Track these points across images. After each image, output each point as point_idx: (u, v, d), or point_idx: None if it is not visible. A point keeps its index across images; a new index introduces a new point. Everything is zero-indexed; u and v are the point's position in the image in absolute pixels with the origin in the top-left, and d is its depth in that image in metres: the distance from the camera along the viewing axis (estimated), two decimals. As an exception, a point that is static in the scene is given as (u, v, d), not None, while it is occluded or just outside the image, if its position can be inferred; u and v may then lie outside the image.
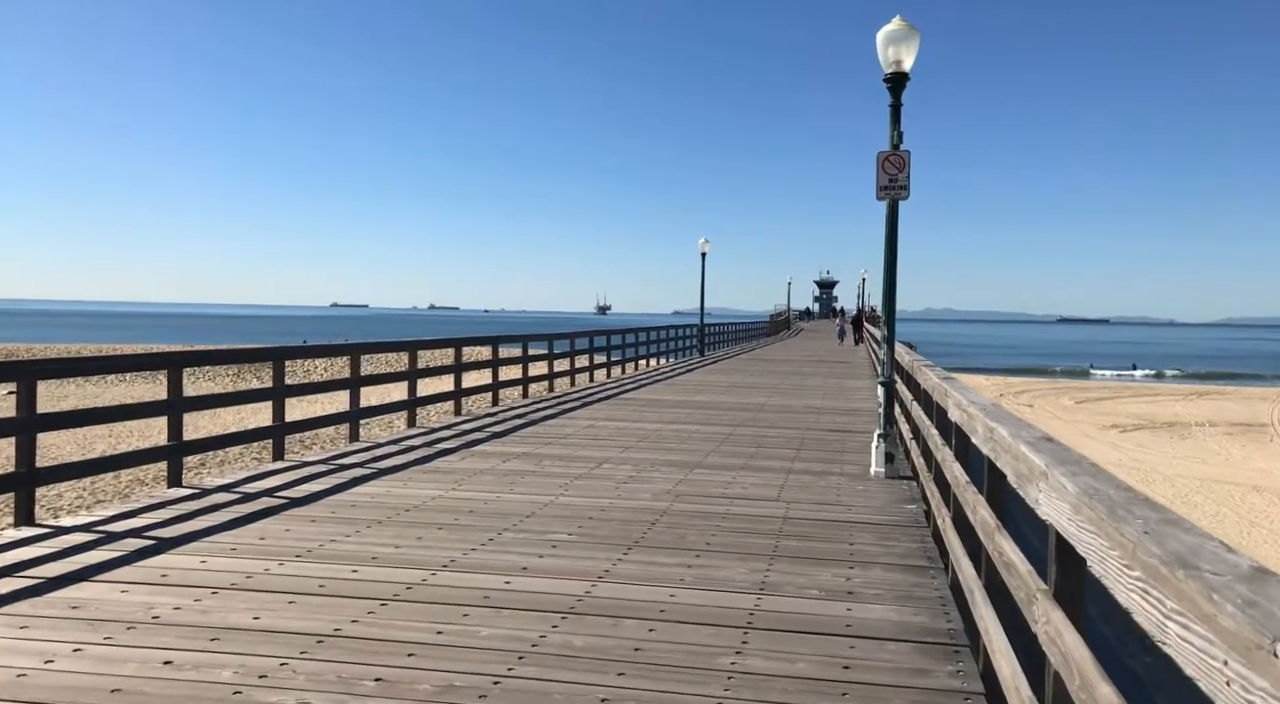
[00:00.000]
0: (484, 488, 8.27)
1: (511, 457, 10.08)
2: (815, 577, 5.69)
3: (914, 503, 8.03)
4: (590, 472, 9.23)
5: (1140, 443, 30.16)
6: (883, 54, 9.15)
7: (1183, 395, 49.03)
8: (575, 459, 9.99)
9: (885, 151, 9.29)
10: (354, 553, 5.99)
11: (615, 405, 15.88)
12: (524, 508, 7.44)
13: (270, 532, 6.55)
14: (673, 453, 10.62)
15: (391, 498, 7.77)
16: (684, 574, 5.67)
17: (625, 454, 10.42)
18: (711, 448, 11.07)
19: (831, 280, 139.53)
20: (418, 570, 5.62)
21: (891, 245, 9.37)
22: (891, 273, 9.42)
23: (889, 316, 9.52)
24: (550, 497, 7.93)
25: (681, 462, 9.98)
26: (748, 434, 12.44)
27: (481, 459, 9.91)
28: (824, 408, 16.20)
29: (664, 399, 17.21)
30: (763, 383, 21.81)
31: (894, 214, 9.36)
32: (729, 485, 8.65)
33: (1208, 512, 18.61)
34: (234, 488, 8.09)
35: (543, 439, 11.51)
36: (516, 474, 9.00)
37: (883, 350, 9.67)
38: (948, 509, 5.71)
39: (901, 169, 9.22)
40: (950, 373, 7.64)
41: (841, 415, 15.04)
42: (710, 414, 14.73)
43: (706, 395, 18.10)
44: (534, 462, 9.75)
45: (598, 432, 12.31)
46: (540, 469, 9.31)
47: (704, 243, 34.24)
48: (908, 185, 9.24)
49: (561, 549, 6.21)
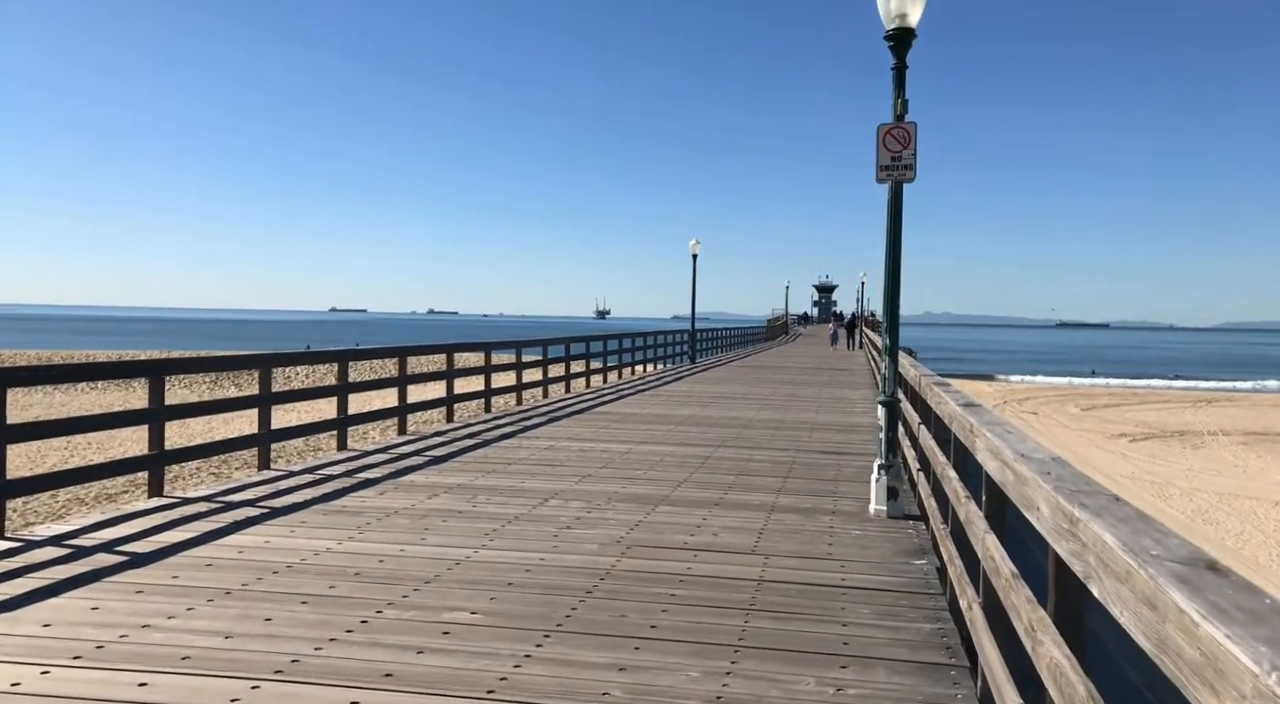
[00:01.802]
0: (389, 537, 6.65)
1: (441, 490, 8.46)
2: (793, 685, 4.09)
3: (923, 556, 6.43)
4: (531, 511, 7.62)
5: (1152, 453, 28.72)
6: (883, 7, 7.57)
7: (1191, 402, 47.66)
8: (518, 493, 8.38)
9: (887, 124, 7.70)
10: (158, 650, 4.33)
11: (585, 421, 14.25)
12: (427, 569, 5.83)
13: (67, 613, 4.90)
14: (637, 483, 9.01)
15: (264, 552, 6.16)
16: (612, 684, 4.06)
17: (580, 486, 8.81)
18: (684, 476, 9.46)
19: (830, 284, 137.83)
20: (239, 679, 4.01)
21: (894, 237, 7.77)
22: (895, 270, 7.81)
23: (892, 322, 7.91)
24: (468, 550, 6.32)
25: (645, 496, 8.37)
26: (729, 457, 10.83)
27: (404, 493, 8.29)
28: (818, 423, 14.60)
29: (642, 413, 15.60)
30: (753, 393, 20.21)
31: (897, 200, 7.76)
32: (696, 530, 7.05)
33: (1231, 529, 17.17)
34: (66, 539, 6.46)
35: (488, 466, 9.89)
36: (438, 516, 7.38)
37: (884, 362, 8.06)
38: (975, 593, 4.12)
39: (906, 144, 7.62)
40: (968, 396, 6.04)
41: (837, 432, 13.44)
42: (690, 432, 13.12)
43: (690, 408, 16.49)
44: (466, 497, 8.14)
45: (556, 455, 10.69)
46: (471, 508, 7.69)
47: (694, 244, 32.65)
48: (914, 164, 7.65)
49: (455, 638, 4.59)
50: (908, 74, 7.73)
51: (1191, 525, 17.53)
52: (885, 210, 7.76)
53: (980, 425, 4.03)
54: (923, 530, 7.22)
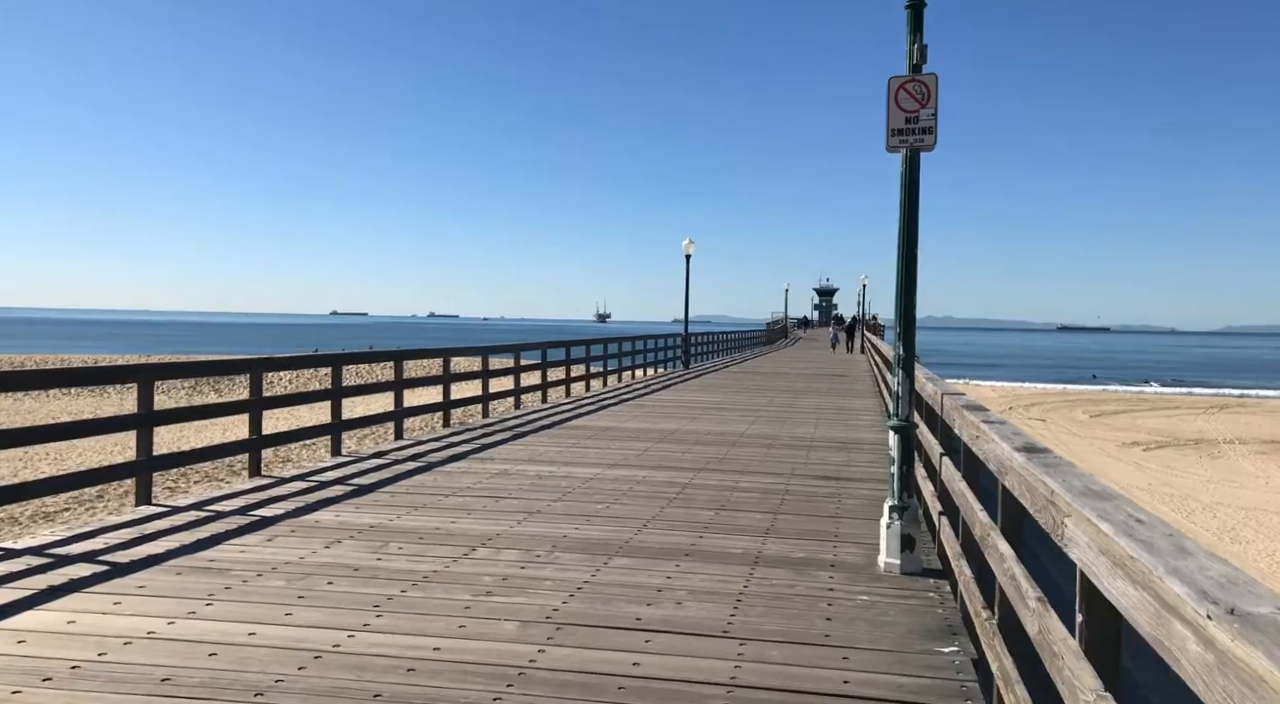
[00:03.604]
0: (245, 609, 5.02)
1: (348, 534, 6.83)
2: None
3: (952, 639, 4.80)
4: (448, 567, 5.98)
5: (1167, 463, 27.21)
6: (896, -72, 5.97)
7: (1202, 408, 46.17)
8: (442, 539, 6.75)
9: (900, 77, 6.09)
10: None
11: (553, 438, 12.61)
12: (271, 665, 4.19)
13: None
14: (594, 523, 7.39)
15: (46, 644, 4.54)
16: None
17: (522, 527, 7.18)
18: (654, 512, 7.85)
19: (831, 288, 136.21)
20: None
21: (910, 222, 6.14)
22: (909, 262, 6.17)
23: (906, 327, 6.26)
24: (343, 632, 4.69)
25: (600, 542, 6.75)
26: (711, 484, 9.21)
27: (299, 539, 6.64)
28: (816, 439, 12.97)
29: (620, 427, 13.95)
30: (747, 403, 18.57)
31: (913, 173, 6.13)
32: (656, 596, 5.42)
33: (1263, 549, 15.65)
34: None
35: (418, 499, 8.25)
36: (325, 574, 5.74)
37: (894, 376, 6.43)
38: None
39: (925, 102, 6.01)
40: (1026, 436, 4.41)
41: (837, 451, 11.81)
42: (670, 451, 11.50)
43: (675, 421, 14.85)
44: (374, 546, 6.50)
45: (506, 484, 9.06)
46: (373, 562, 6.06)
47: (688, 243, 31.05)
48: (934, 127, 6.03)
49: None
50: (928, 16, 6.11)
51: (1219, 544, 16.04)
52: (899, 184, 6.13)
53: (1073, 499, 2.42)
54: (946, 593, 5.62)
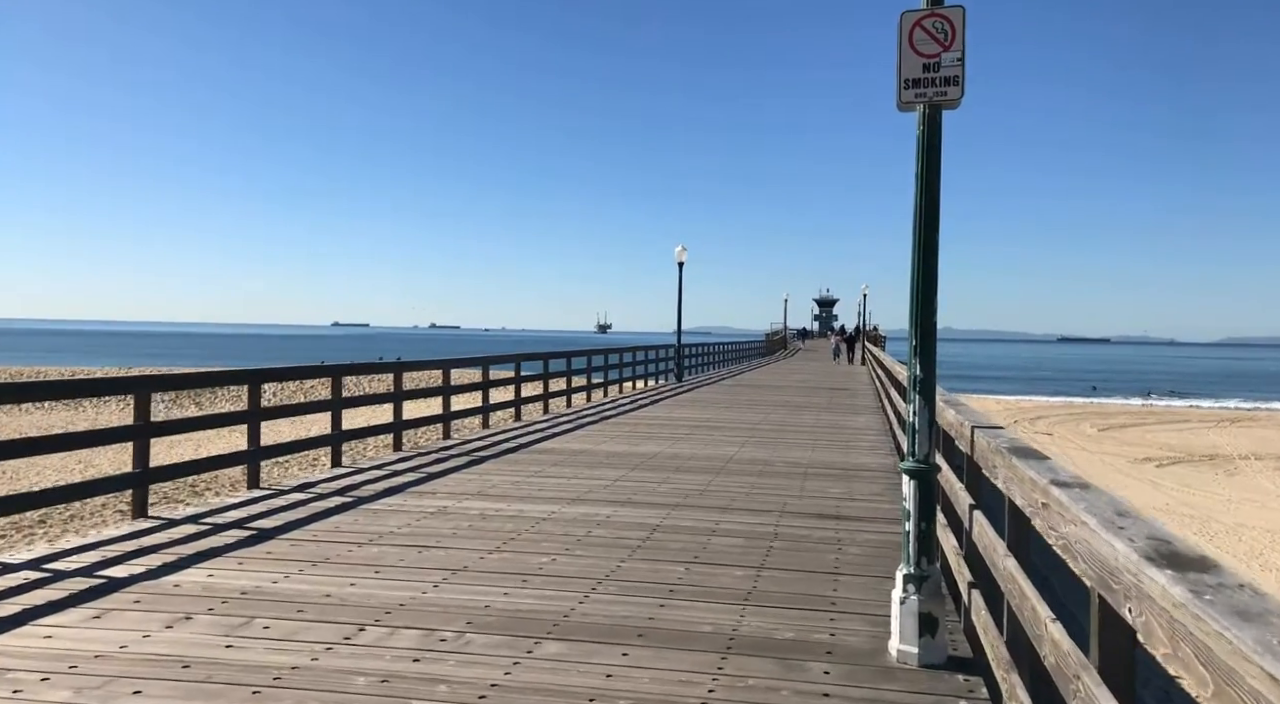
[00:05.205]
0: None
1: (205, 606, 5.29)
2: None
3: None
4: (316, 659, 4.47)
5: (1183, 481, 25.76)
6: None
7: (1213, 422, 44.75)
8: (329, 610, 5.23)
9: (915, 11, 4.62)
10: None
11: (513, 464, 11.08)
12: None
13: None
14: (529, 584, 5.87)
15: None
16: None
17: (437, 592, 5.66)
18: (610, 567, 6.34)
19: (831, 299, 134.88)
20: None
21: (929, 201, 4.65)
22: (928, 253, 4.67)
23: (925, 338, 4.76)
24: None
25: (531, 614, 5.24)
26: (686, 527, 7.70)
27: (138, 615, 5.11)
28: (813, 465, 11.46)
29: (594, 450, 12.44)
30: (739, 420, 17.06)
31: (934, 136, 4.65)
32: (585, 709, 3.93)
33: (1296, 578, 14.18)
34: None
35: (321, 550, 6.70)
36: (133, 680, 4.23)
37: (908, 401, 4.90)
38: None
39: (948, 44, 4.53)
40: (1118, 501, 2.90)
41: (836, 482, 10.29)
42: (645, 481, 9.99)
43: (656, 443, 13.34)
44: (233, 622, 4.98)
45: (438, 527, 7.53)
46: (214, 653, 4.52)
47: (680, 250, 29.60)
48: (960, 76, 4.55)
49: None
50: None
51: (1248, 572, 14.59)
52: (915, 155, 4.65)
53: None
54: (983, 699, 4.12)
